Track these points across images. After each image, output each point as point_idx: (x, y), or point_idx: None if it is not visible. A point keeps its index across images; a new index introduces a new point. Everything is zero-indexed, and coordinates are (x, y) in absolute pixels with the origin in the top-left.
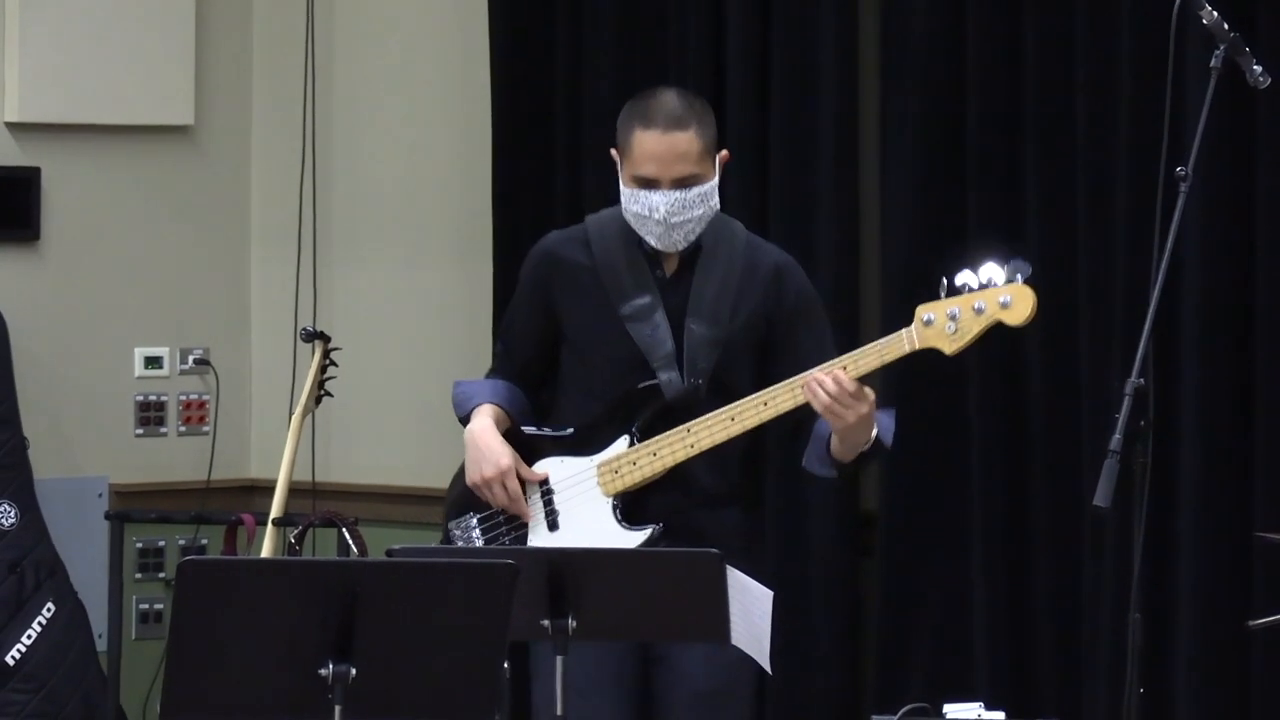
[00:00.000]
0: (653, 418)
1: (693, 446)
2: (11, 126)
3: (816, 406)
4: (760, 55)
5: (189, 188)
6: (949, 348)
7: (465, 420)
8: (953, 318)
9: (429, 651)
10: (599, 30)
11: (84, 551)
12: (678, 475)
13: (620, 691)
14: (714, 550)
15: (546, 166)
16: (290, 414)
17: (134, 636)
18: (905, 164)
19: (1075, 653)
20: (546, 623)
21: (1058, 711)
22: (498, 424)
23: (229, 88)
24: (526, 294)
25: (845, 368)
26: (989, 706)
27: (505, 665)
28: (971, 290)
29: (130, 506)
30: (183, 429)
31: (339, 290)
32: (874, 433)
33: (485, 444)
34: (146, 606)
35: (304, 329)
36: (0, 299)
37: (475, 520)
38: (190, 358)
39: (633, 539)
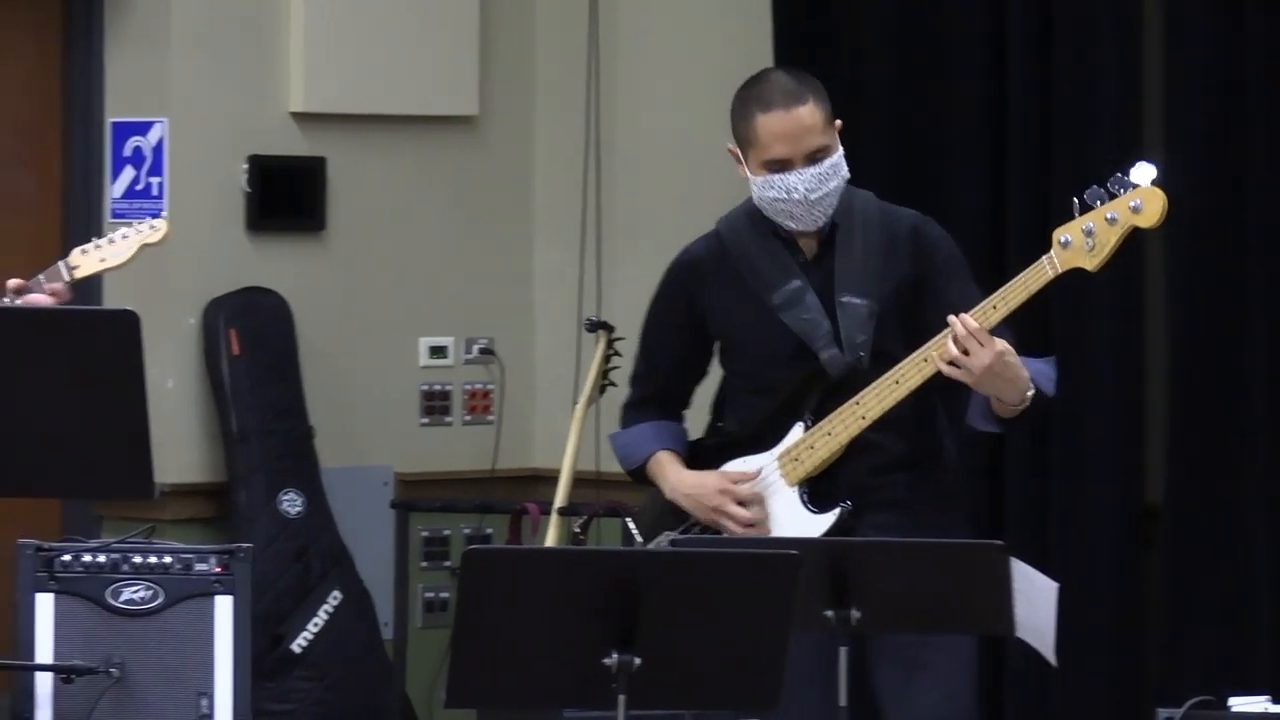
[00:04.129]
0: (822, 399)
1: (864, 418)
2: (297, 117)
3: (947, 353)
4: (1041, 59)
5: (473, 177)
6: (1090, 264)
7: (636, 472)
8: (1088, 233)
9: (712, 641)
10: (879, 26)
11: (369, 540)
12: (859, 447)
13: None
14: (998, 541)
15: None
16: (574, 403)
17: (419, 625)
18: (1187, 166)
19: None
20: (830, 614)
21: None
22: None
23: (513, 78)
24: (665, 308)
25: (995, 306)
26: (1275, 700)
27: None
28: (1103, 203)
29: (415, 496)
30: (467, 418)
31: (622, 279)
32: (1029, 390)
33: (694, 484)
34: (431, 595)
35: (588, 319)
36: (286, 289)
37: (669, 540)
38: (475, 347)
39: (821, 522)
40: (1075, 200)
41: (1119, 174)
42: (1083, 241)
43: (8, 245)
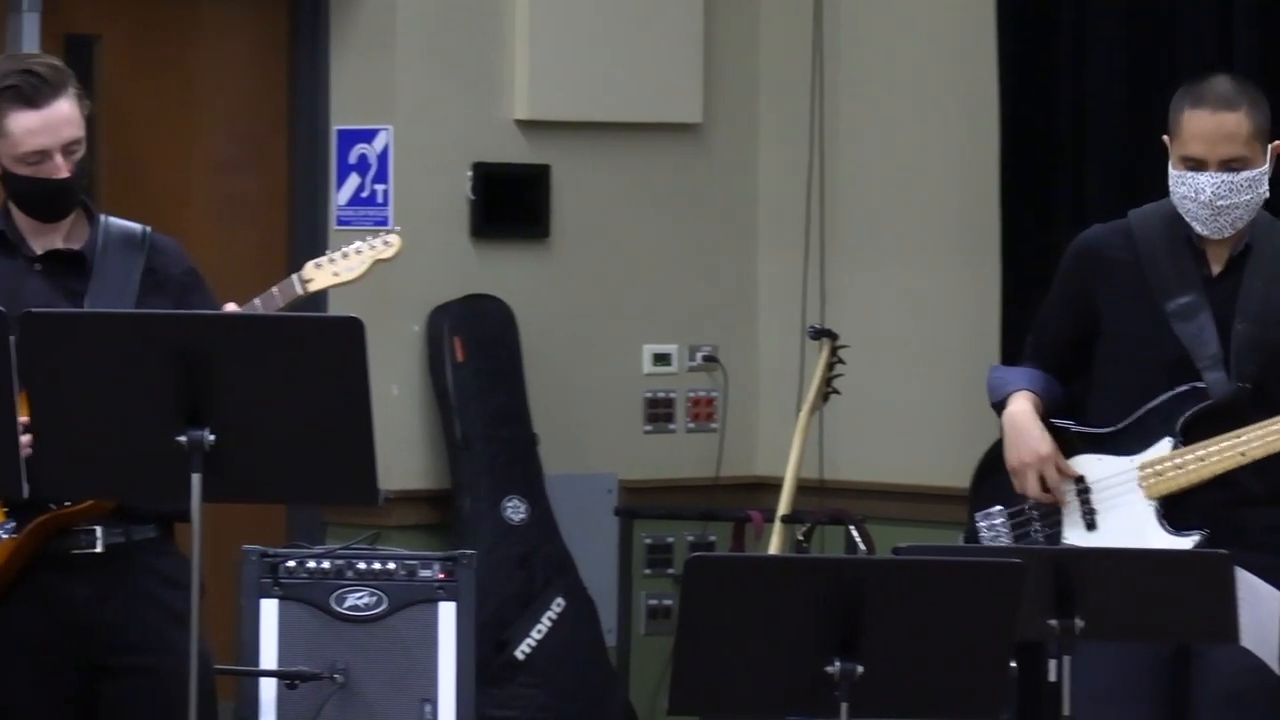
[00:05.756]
0: (1195, 419)
1: (1244, 455)
2: (521, 124)
3: None
4: (1272, 50)
5: (697, 185)
6: None
7: (998, 406)
8: None
9: (935, 650)
10: (1105, 29)
11: (593, 547)
12: (1219, 477)
13: (1140, 696)
14: (1222, 550)
15: (1052, 164)
16: (797, 411)
17: (643, 632)
18: None
19: None
20: (1054, 622)
21: None
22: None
23: (737, 86)
24: (1063, 288)
25: None
26: None
27: (1013, 664)
28: None
29: (639, 503)
30: (691, 426)
31: (846, 287)
32: None
33: (1025, 427)
34: (655, 602)
35: (811, 326)
36: (510, 295)
37: (1003, 515)
38: (699, 355)
39: (1178, 545)
40: None
41: None
42: None
43: (234, 252)
